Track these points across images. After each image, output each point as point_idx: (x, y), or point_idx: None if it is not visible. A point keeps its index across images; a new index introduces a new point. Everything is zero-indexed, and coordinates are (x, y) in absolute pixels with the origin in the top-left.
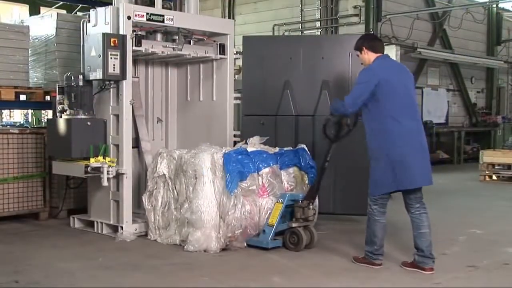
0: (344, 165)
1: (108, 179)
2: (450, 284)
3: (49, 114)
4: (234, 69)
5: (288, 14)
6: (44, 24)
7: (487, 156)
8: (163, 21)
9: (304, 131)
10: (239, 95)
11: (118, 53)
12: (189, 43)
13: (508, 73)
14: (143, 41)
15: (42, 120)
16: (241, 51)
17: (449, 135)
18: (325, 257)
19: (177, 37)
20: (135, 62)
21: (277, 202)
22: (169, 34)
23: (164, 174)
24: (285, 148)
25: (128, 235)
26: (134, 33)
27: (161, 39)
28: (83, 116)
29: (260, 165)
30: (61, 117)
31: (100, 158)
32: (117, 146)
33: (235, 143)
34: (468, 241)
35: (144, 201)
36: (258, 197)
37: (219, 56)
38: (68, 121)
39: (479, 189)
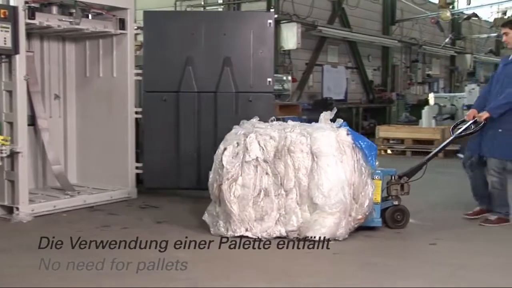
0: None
1: (2, 158)
2: None
3: None
4: (135, 45)
5: None
6: None
7: (383, 131)
8: None
9: (206, 107)
10: (140, 71)
11: (9, 26)
12: (87, 17)
13: (401, 51)
14: (37, 13)
15: None
16: (142, 26)
17: (348, 111)
18: None
19: (74, 11)
20: (29, 35)
21: (374, 179)
22: (65, 7)
23: (257, 157)
24: None
25: (24, 216)
26: (27, 4)
27: (57, 12)
28: None
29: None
30: None
31: None
32: (11, 123)
33: (136, 120)
34: None
35: (224, 192)
36: None
37: (119, 31)
38: None
39: None
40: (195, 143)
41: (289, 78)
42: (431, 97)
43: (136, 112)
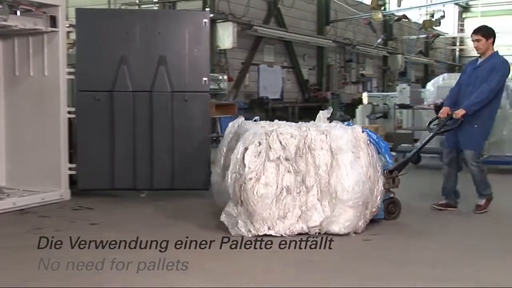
0: (182, 141)
1: None
2: None
3: None
4: (68, 43)
5: None
6: None
7: None
8: None
9: (141, 107)
10: (72, 70)
11: None
12: (15, 13)
13: (336, 51)
14: None
15: None
16: (74, 24)
17: (284, 110)
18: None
19: (1, 6)
20: None
21: None
22: None
23: (279, 156)
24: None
25: None
26: None
27: None
28: None
29: None
30: None
31: None
32: None
33: (69, 120)
34: None
35: (247, 191)
36: None
37: (50, 29)
38: None
39: None
40: (130, 143)
41: (225, 77)
42: (365, 96)
43: (69, 112)
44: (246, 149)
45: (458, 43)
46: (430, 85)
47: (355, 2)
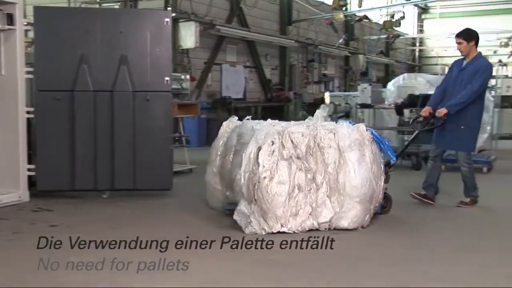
0: (145, 141)
1: None
2: None
3: None
4: (26, 41)
5: None
6: None
7: None
8: None
9: (102, 106)
10: (31, 69)
11: None
12: None
13: (298, 51)
14: None
15: None
16: (33, 22)
17: (247, 110)
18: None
19: None
20: None
21: None
22: None
23: (291, 155)
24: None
25: None
26: None
27: None
28: None
29: None
30: None
31: None
32: None
33: (28, 120)
34: None
35: (262, 190)
36: None
37: (7, 27)
38: None
39: None
40: (91, 143)
41: (188, 77)
42: (327, 96)
43: (28, 112)
44: (259, 148)
45: (417, 44)
46: (390, 85)
47: (317, 3)
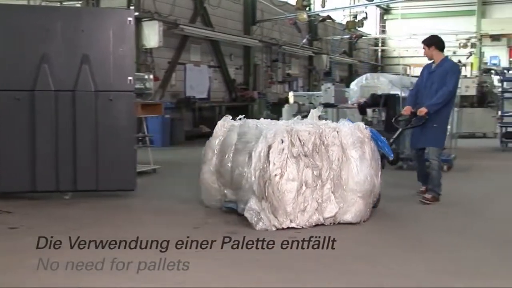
0: (107, 141)
1: None
2: None
3: None
4: None
5: None
6: None
7: None
8: None
9: (64, 106)
10: None
11: None
12: None
13: (262, 51)
14: None
15: None
16: None
17: (211, 110)
18: None
19: None
20: None
21: None
22: None
23: (300, 153)
24: None
25: None
26: None
27: None
28: None
29: None
30: None
31: None
32: None
33: None
34: None
35: (273, 187)
36: None
37: None
38: None
39: None
40: (53, 143)
41: (151, 76)
42: (291, 96)
43: None
44: (269, 146)
45: (380, 44)
46: (353, 85)
47: (280, 3)
